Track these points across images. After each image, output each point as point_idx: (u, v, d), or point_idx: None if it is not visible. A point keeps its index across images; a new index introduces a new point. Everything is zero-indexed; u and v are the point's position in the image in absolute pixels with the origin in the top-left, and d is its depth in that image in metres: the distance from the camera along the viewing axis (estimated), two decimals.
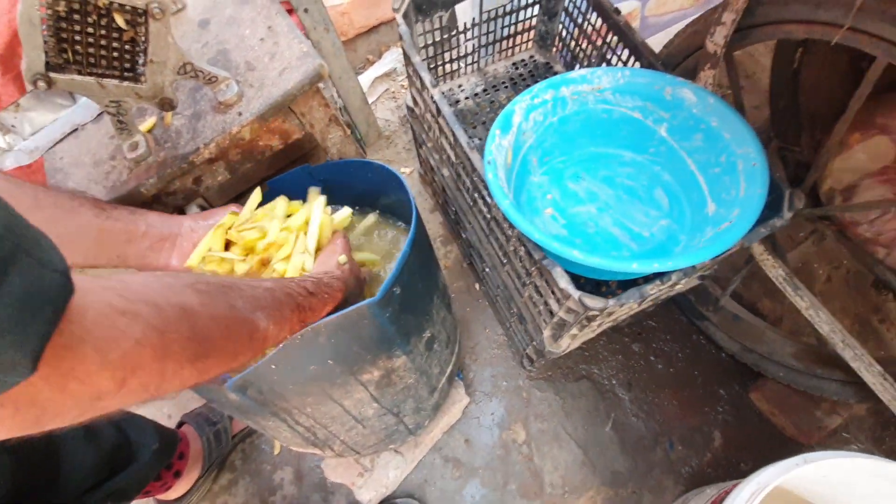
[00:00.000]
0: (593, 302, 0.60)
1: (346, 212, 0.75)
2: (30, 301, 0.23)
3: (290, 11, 1.01)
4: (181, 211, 0.83)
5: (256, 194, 0.69)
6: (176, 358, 0.34)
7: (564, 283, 0.62)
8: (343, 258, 0.65)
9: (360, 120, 1.25)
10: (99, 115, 0.78)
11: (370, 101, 1.39)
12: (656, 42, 1.21)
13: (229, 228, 0.66)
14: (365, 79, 1.39)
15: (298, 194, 0.87)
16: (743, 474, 1.04)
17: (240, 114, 0.69)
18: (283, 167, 0.91)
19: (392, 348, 0.67)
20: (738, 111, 0.71)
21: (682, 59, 0.83)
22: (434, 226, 1.31)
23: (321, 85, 0.73)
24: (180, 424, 1.04)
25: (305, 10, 0.94)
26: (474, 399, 1.12)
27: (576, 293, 0.61)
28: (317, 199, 0.71)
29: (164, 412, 1.16)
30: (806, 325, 1.08)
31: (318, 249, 0.68)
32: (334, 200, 0.88)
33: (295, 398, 0.63)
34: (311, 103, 0.74)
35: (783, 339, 0.98)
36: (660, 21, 1.15)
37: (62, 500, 0.70)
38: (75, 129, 0.77)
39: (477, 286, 1.24)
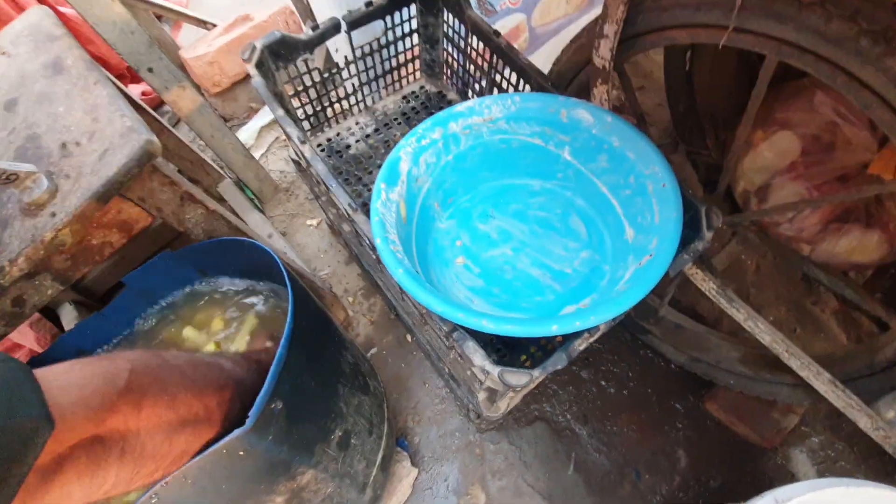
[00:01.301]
0: (516, 379, 0.50)
1: None
2: None
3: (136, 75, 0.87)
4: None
5: None
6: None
7: (479, 359, 0.52)
8: None
9: (248, 177, 1.11)
10: None
11: (260, 153, 1.25)
12: (549, 51, 1.16)
13: None
14: (250, 130, 1.25)
15: (167, 284, 0.74)
16: (714, 492, 0.99)
17: (53, 214, 0.55)
18: (152, 254, 0.77)
19: (291, 468, 0.55)
20: (638, 125, 0.65)
21: (572, 75, 0.77)
22: (352, 278, 1.19)
23: (159, 161, 0.60)
24: None
25: (150, 70, 0.80)
26: (423, 467, 1.00)
27: (494, 370, 0.51)
28: None
29: None
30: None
31: None
32: (218, 274, 0.76)
33: None
34: (150, 185, 0.61)
35: (728, 344, 0.94)
36: (548, 30, 1.11)
37: None
38: None
39: (409, 338, 1.13)
